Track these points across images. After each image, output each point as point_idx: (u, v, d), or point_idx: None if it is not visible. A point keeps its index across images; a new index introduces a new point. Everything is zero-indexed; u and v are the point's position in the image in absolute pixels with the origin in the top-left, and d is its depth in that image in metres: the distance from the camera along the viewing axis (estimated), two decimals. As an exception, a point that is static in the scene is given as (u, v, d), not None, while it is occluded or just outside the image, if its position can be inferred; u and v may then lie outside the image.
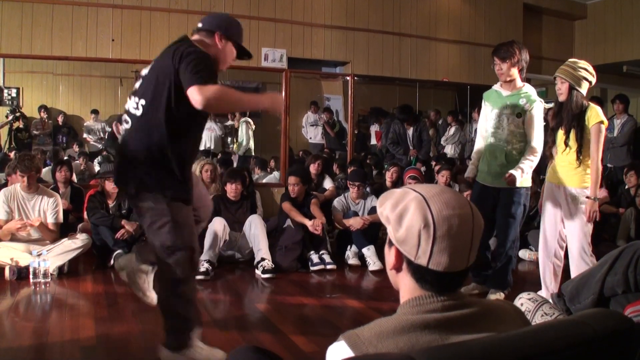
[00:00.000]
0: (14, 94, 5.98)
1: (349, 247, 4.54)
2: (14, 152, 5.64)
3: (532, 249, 4.64)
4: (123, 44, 5.62)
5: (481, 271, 3.54)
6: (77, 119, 6.50)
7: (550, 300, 2.30)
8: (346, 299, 3.51)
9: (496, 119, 3.36)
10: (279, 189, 6.11)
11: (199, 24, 2.32)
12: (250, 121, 7.23)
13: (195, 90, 1.98)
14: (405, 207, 1.02)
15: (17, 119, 5.93)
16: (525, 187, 3.33)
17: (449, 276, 1.00)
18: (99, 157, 6.30)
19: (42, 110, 6.18)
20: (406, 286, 1.04)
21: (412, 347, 0.93)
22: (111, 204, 4.44)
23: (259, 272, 4.00)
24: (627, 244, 2.18)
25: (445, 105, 8.25)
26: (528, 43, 7.48)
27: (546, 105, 3.53)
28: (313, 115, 7.76)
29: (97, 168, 6.04)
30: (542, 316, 2.15)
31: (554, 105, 3.31)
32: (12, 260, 3.75)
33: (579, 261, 2.99)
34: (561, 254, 3.19)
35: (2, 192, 3.99)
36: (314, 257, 4.25)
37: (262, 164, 6.78)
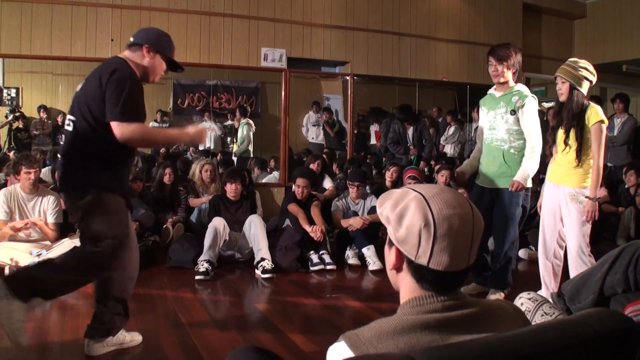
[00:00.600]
0: (13, 94, 5.99)
1: (349, 247, 4.54)
2: (13, 152, 5.64)
3: (532, 248, 4.63)
4: (122, 44, 5.52)
5: (482, 272, 3.55)
6: (76, 119, 6.50)
7: (550, 300, 2.30)
8: (346, 299, 3.51)
9: (492, 120, 3.39)
10: (278, 189, 6.11)
11: (130, 39, 2.42)
12: (251, 122, 7.21)
13: (115, 126, 2.17)
14: (405, 206, 1.02)
15: (16, 119, 5.93)
16: (525, 188, 3.33)
17: (449, 276, 1.00)
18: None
19: (42, 110, 6.18)
20: (406, 286, 1.04)
21: (413, 348, 0.93)
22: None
23: (258, 272, 4.00)
24: (627, 243, 2.17)
25: (445, 104, 8.25)
26: (527, 42, 7.49)
27: (546, 104, 3.53)
28: (315, 115, 7.76)
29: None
30: (542, 316, 2.15)
31: (555, 104, 3.31)
32: (12, 260, 3.74)
33: (577, 261, 2.98)
34: (561, 253, 3.18)
35: (2, 192, 3.99)
36: (314, 257, 4.25)
37: (261, 164, 6.77)
